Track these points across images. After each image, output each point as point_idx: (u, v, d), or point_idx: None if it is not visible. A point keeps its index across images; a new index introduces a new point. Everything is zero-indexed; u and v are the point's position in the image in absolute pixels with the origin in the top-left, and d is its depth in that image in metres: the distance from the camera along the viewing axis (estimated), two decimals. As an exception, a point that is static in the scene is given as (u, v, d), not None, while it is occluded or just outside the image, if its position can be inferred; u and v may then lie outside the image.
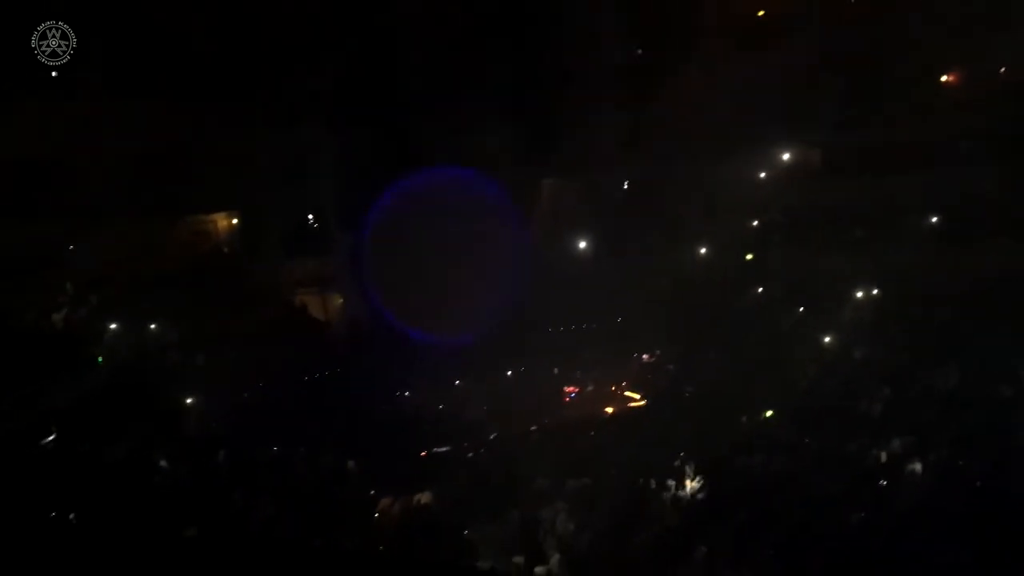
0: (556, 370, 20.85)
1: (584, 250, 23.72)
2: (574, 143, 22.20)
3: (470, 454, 16.06)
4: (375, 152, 23.21)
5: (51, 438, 13.50)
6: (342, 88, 22.83)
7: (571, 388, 20.31)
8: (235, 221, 24.58)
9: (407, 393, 20.07)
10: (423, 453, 16.40)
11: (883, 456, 12.59)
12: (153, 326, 19.98)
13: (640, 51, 23.62)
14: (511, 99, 22.51)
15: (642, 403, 19.30)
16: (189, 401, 18.90)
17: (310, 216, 25.86)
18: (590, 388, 20.13)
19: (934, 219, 18.49)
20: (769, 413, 15.88)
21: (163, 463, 14.36)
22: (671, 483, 13.15)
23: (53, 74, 19.52)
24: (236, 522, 12.35)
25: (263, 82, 21.56)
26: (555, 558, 11.49)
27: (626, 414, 18.85)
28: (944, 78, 19.07)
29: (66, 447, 13.43)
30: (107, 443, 14.10)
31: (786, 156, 21.87)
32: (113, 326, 18.97)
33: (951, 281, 17.00)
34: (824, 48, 19.55)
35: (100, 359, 18.29)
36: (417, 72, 22.59)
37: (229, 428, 17.12)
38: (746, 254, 21.82)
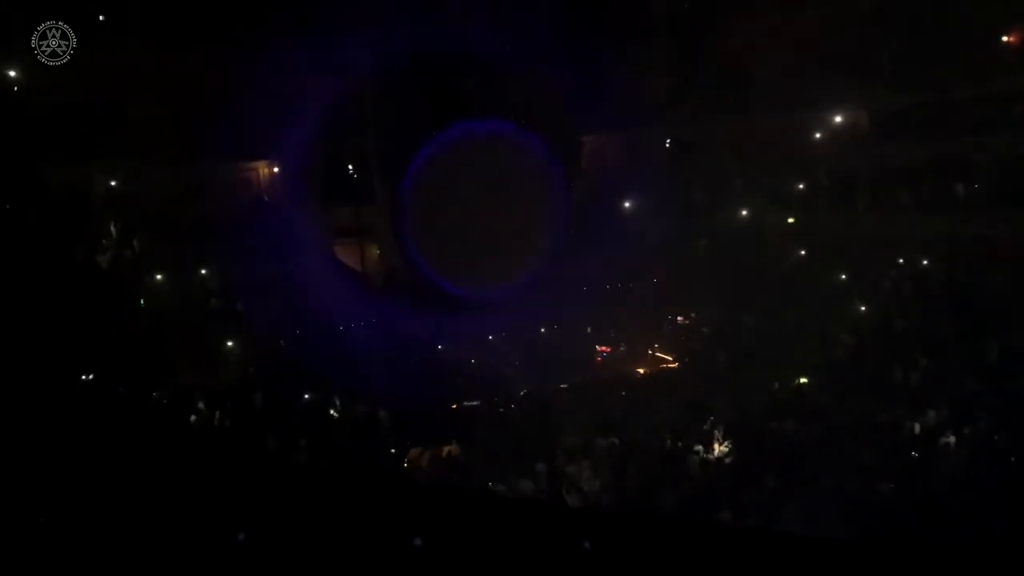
0: (589, 329, 20.79)
1: (623, 208, 23.44)
2: (617, 98, 21.81)
3: (500, 409, 16.16)
4: (416, 102, 23.11)
5: (90, 377, 13.90)
6: (387, 37, 22.63)
7: (603, 347, 20.26)
8: (276, 169, 24.73)
9: (440, 346, 20.22)
10: (454, 406, 16.57)
11: (917, 427, 12.44)
12: (195, 272, 20.39)
13: (687, 4, 22.99)
14: (556, 52, 22.13)
15: (674, 365, 19.21)
16: (228, 346, 19.33)
17: (350, 166, 25.91)
18: (623, 348, 20.06)
19: (979, 185, 17.91)
20: (803, 380, 15.73)
21: (201, 405, 14.76)
22: (699, 447, 13.14)
23: (101, 18, 19.69)
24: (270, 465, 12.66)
25: (307, 29, 21.46)
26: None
27: (658, 375, 18.80)
28: (1005, 38, 18.26)
29: (106, 388, 13.82)
30: (147, 384, 14.50)
31: (834, 118, 21.24)
32: (156, 270, 19.37)
33: (998, 250, 16.56)
34: (876, 5, 18.85)
35: (143, 302, 18.72)
36: (462, 23, 22.30)
37: (266, 374, 17.49)
38: (788, 217, 21.41)
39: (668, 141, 24.80)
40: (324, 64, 21.60)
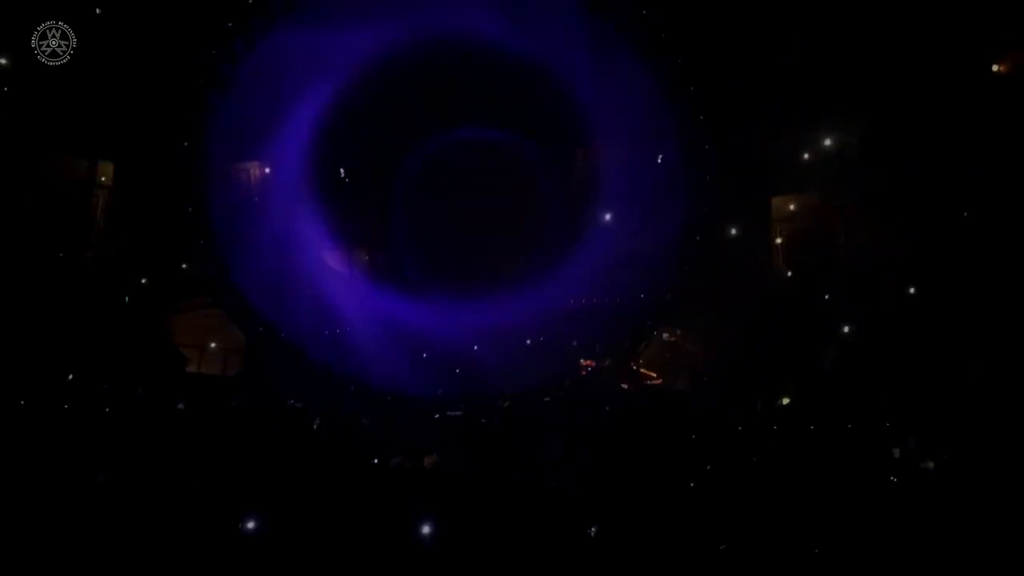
0: (574, 342, 20.76)
1: (610, 222, 23.34)
2: (608, 112, 21.81)
3: (482, 420, 16.11)
4: (407, 110, 23.04)
5: (72, 376, 13.80)
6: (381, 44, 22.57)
7: (588, 362, 20.25)
8: (267, 170, 24.59)
9: (424, 355, 20.15)
10: (436, 416, 16.50)
11: (896, 452, 12.48)
12: (179, 270, 20.29)
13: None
14: (548, 65, 22.11)
15: (658, 381, 19.24)
16: (212, 346, 19.24)
17: (341, 170, 25.79)
18: (607, 363, 20.06)
19: (968, 213, 17.96)
20: (785, 400, 15.78)
21: (180, 406, 14.65)
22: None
23: (97, 10, 19.52)
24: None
25: (300, 32, 21.40)
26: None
27: (641, 391, 18.82)
28: (995, 67, 18.40)
29: (87, 385, 13.72)
30: (127, 383, 14.40)
31: (824, 140, 21.25)
32: (141, 268, 19.28)
33: (987, 276, 16.62)
34: (868, 31, 18.94)
35: (127, 299, 18.61)
36: (457, 31, 22.26)
37: (246, 376, 17.40)
38: (775, 237, 21.44)
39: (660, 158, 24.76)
40: (319, 63, 21.54)
